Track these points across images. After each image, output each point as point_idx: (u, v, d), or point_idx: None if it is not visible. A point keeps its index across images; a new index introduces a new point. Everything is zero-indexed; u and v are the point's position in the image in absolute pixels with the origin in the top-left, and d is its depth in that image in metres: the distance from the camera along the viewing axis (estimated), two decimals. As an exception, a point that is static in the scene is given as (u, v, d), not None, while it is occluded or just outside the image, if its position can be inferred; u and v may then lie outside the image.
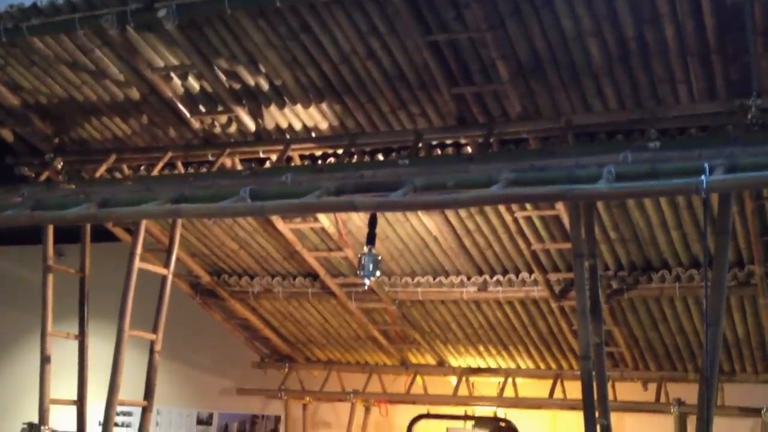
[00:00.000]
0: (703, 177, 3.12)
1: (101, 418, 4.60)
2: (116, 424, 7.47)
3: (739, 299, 5.66)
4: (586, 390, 3.55)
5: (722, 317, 3.65)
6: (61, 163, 5.93)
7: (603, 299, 5.03)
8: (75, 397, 4.44)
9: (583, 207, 4.04)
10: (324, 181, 3.98)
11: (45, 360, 4.26)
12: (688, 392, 6.06)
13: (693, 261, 5.60)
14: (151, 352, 4.60)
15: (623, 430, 6.42)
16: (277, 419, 7.83)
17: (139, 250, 4.47)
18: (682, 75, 4.50)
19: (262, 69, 5.06)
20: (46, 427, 4.16)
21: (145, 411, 4.43)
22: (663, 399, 6.36)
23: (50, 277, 4.40)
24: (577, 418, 6.86)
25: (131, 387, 4.86)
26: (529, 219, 5.46)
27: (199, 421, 8.19)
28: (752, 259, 5.27)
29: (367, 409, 7.24)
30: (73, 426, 4.40)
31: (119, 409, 7.14)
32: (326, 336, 7.31)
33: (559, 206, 5.12)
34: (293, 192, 3.90)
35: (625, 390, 6.55)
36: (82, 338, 4.45)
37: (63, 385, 4.63)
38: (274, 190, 3.97)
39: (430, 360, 7.21)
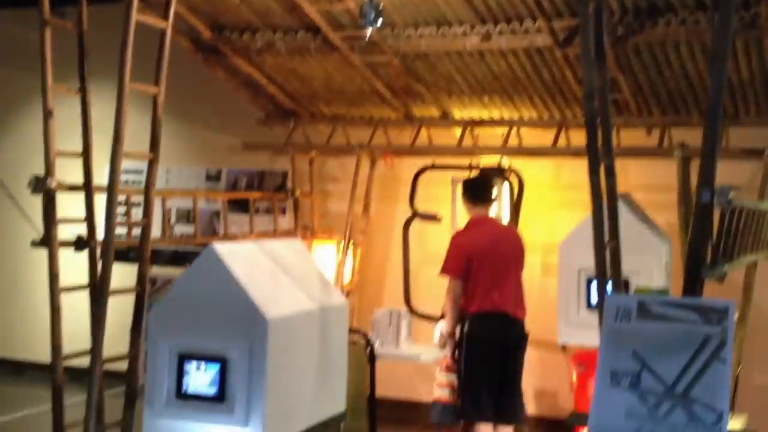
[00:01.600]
0: None
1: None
2: (126, 182, 7.74)
3: (744, 42, 5.63)
4: (590, 131, 3.60)
5: (728, 56, 3.64)
6: None
7: (608, 46, 4.99)
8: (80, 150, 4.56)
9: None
10: None
11: (48, 114, 4.33)
12: (692, 136, 6.16)
13: (698, 3, 5.52)
14: (155, 105, 4.65)
15: (627, 175, 6.57)
16: (285, 174, 8.04)
17: (135, 1, 4.41)
18: None
19: None
20: (53, 179, 4.29)
21: (152, 163, 4.55)
22: (666, 143, 6.49)
23: (47, 32, 4.37)
24: (580, 165, 7.05)
25: (138, 147, 4.97)
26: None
27: (208, 177, 8.42)
28: (758, 0, 5.19)
29: (373, 162, 7.42)
30: (81, 179, 4.54)
31: (129, 166, 7.41)
32: (330, 91, 7.35)
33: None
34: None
35: (629, 136, 6.67)
36: (83, 93, 4.49)
37: (69, 143, 4.73)
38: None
39: (435, 112, 7.30)
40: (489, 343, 5.51)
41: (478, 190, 5.68)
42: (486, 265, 5.51)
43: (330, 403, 4.48)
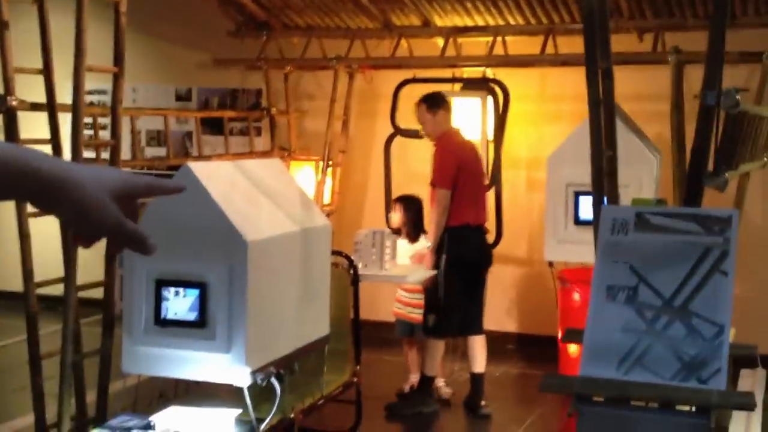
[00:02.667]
0: None
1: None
2: (92, 103, 7.56)
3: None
4: (588, 29, 3.44)
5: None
6: None
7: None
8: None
9: None
10: None
11: (3, 26, 4.14)
12: (686, 40, 6.09)
13: None
14: (117, 14, 4.47)
15: (619, 83, 6.49)
16: (259, 92, 7.89)
17: None
18: None
19: None
20: (13, 98, 4.14)
21: (117, 78, 4.40)
22: (660, 48, 6.39)
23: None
24: (567, 76, 6.97)
25: (102, 63, 4.81)
26: None
27: (178, 97, 8.26)
28: None
29: (351, 76, 7.28)
30: (43, 98, 4.39)
31: (94, 86, 7.22)
32: (304, -1, 7.15)
33: None
34: None
35: (620, 42, 6.54)
36: (40, 3, 4.29)
37: (28, 60, 4.56)
38: None
39: (415, 21, 7.13)
40: (470, 258, 5.65)
41: (435, 97, 5.69)
42: (468, 176, 5.60)
43: (314, 327, 4.45)
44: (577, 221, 6.00)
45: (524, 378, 6.52)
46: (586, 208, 5.94)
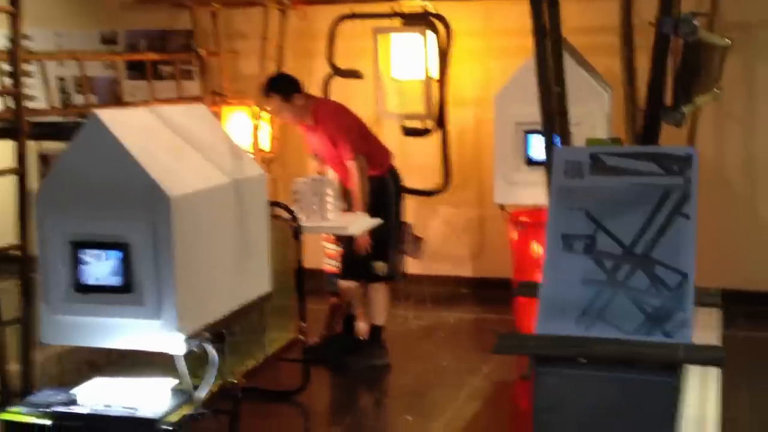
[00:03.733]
0: None
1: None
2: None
3: None
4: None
5: None
6: None
7: None
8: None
9: None
10: None
11: None
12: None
13: None
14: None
15: (564, 15, 6.24)
16: (189, 33, 7.50)
17: None
18: None
19: None
20: None
21: (14, 19, 4.00)
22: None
23: None
24: (512, 8, 6.69)
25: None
26: None
27: (104, 41, 7.83)
28: None
29: (283, 13, 6.92)
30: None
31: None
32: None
33: None
34: None
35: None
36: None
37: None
38: None
39: (351, -47, 6.78)
40: (399, 197, 5.66)
41: (287, 82, 5.37)
42: (364, 129, 5.49)
43: (252, 285, 4.20)
44: (529, 162, 5.80)
45: (479, 323, 6.38)
46: (537, 148, 5.73)
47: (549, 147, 3.00)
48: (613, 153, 2.83)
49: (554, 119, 3.02)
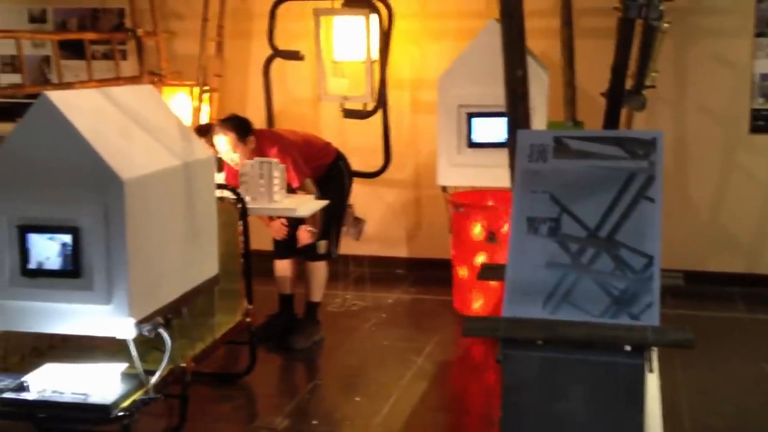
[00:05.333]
0: None
1: None
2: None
3: None
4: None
5: None
6: None
7: None
8: None
9: None
10: None
11: None
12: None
13: None
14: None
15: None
16: (122, 12, 7.27)
17: None
18: None
19: None
20: None
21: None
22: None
23: None
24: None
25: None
26: None
27: (32, 19, 7.52)
28: None
29: (224, -6, 6.76)
30: None
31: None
32: None
33: None
34: None
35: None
36: None
37: None
38: None
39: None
40: (350, 179, 5.70)
41: (245, 123, 5.32)
42: (303, 146, 5.45)
43: (201, 268, 4.09)
44: (471, 144, 5.77)
45: (418, 304, 6.35)
46: (480, 130, 5.72)
47: (513, 130, 2.96)
48: (577, 137, 2.80)
49: (518, 102, 2.98)
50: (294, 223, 5.34)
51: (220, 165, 5.31)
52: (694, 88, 6.39)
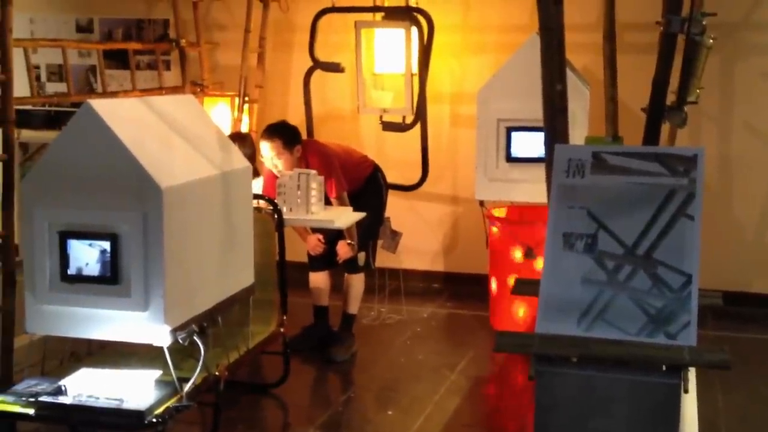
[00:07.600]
0: None
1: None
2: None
3: None
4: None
5: None
6: None
7: None
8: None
9: None
10: None
11: None
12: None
13: None
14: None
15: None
16: (166, 23, 7.37)
17: None
18: None
19: None
20: None
21: (5, 5, 3.86)
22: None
23: None
24: (491, 4, 6.67)
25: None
26: None
27: (79, 29, 7.66)
28: None
29: (265, 5, 6.81)
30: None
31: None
32: None
33: None
34: None
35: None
36: None
37: None
38: None
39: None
40: (386, 191, 5.76)
41: (294, 132, 5.35)
42: (344, 160, 5.49)
43: (237, 277, 4.12)
44: (509, 158, 5.75)
45: (453, 318, 6.33)
46: (519, 144, 5.70)
47: (551, 145, 2.95)
48: (616, 152, 2.78)
49: (557, 116, 2.97)
50: (330, 237, 5.37)
51: (256, 171, 5.36)
52: (740, 106, 6.31)
